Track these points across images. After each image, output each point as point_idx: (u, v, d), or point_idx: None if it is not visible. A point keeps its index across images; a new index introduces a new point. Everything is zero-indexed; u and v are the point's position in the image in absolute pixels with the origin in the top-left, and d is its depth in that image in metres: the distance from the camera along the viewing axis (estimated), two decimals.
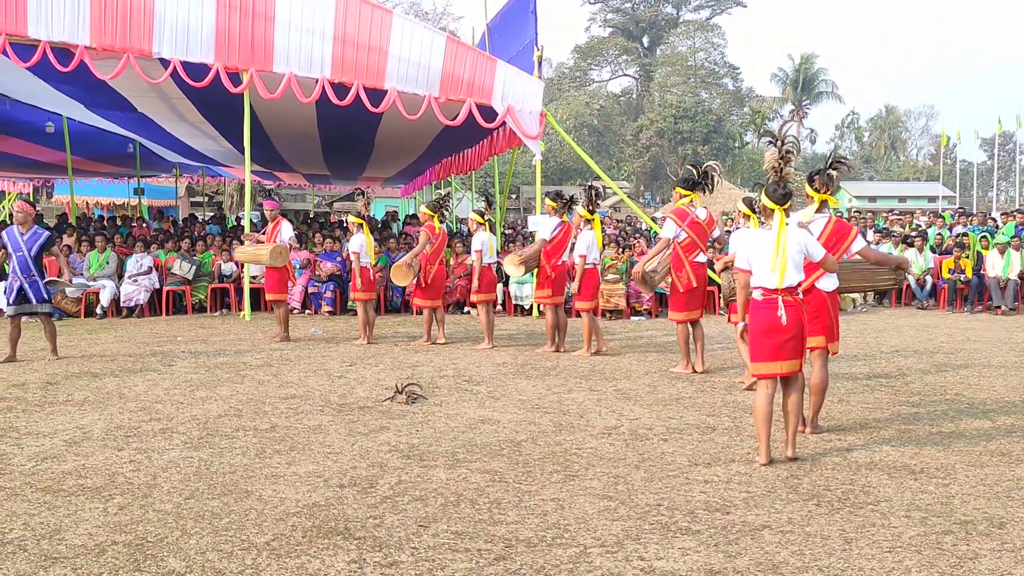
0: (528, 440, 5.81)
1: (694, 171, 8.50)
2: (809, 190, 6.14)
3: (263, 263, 10.68)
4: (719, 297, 11.28)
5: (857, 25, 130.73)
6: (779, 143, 5.51)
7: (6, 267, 12.82)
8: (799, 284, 5.35)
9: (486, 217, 10.49)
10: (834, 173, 6.18)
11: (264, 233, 11.02)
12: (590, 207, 9.59)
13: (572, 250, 9.82)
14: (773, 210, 5.32)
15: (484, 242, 10.20)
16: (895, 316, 13.86)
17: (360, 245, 10.40)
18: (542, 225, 9.86)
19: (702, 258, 8.45)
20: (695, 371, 8.45)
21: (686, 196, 8.40)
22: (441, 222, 10.64)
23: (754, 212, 7.92)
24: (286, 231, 10.72)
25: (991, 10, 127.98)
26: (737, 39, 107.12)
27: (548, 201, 9.85)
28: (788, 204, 5.33)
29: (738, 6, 70.21)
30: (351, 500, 4.55)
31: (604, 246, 12.91)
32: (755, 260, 5.35)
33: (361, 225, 10.53)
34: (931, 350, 10.09)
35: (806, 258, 5.39)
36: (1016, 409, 6.88)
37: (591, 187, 9.87)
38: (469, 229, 10.64)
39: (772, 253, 5.24)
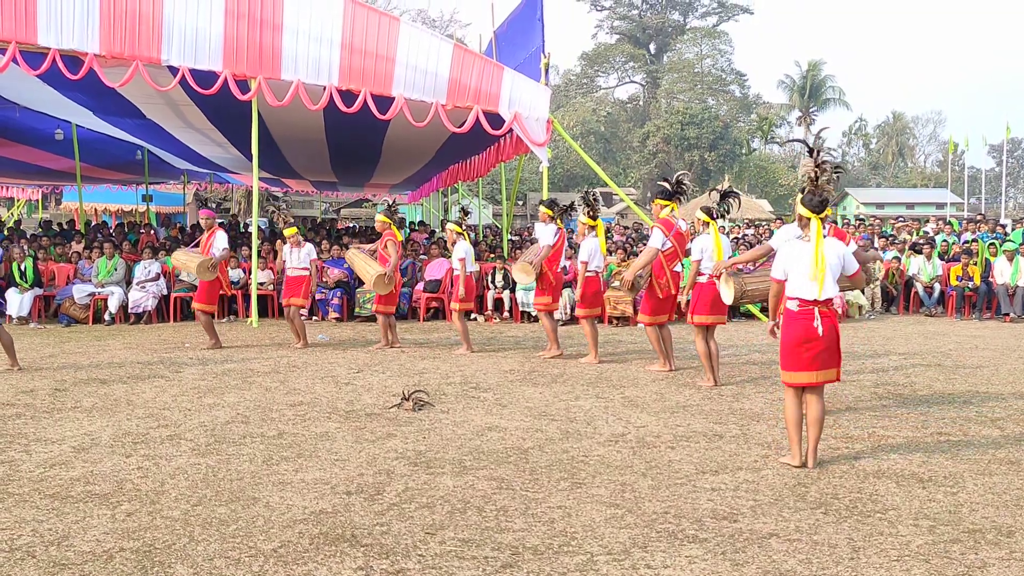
0: (535, 447, 5.81)
1: (667, 183, 8.88)
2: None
3: (192, 274, 10.64)
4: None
5: (864, 31, 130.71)
6: (815, 152, 5.54)
7: (16, 277, 12.95)
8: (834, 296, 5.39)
9: (464, 227, 10.60)
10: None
11: (198, 243, 10.96)
12: (591, 213, 9.71)
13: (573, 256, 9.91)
14: (809, 219, 5.37)
15: (468, 251, 10.38)
16: (903, 323, 13.82)
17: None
18: (543, 232, 10.01)
19: (679, 267, 8.88)
20: (672, 369, 8.91)
21: (667, 206, 8.77)
22: (399, 228, 10.85)
23: (713, 219, 8.28)
24: (219, 242, 10.56)
25: (998, 16, 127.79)
26: (744, 46, 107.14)
27: (543, 209, 10.06)
28: (824, 212, 5.38)
29: (745, 13, 70.22)
30: (358, 507, 4.56)
31: (610, 252, 12.95)
32: (793, 270, 5.36)
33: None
34: (939, 357, 10.05)
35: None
36: None
37: (587, 193, 10.00)
38: (448, 240, 10.75)
39: (812, 263, 5.26)
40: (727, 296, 7.47)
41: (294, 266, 10.66)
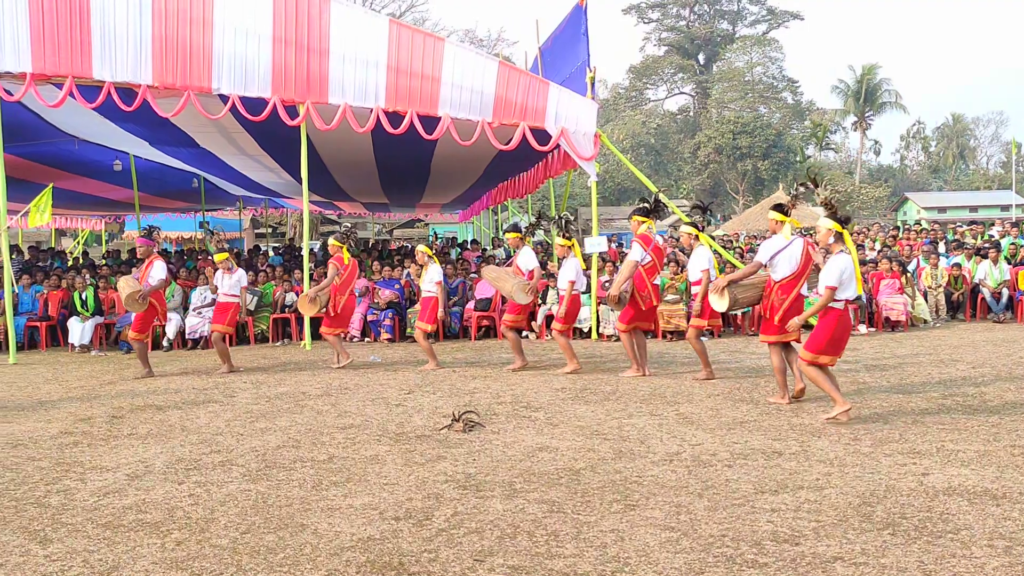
0: (587, 468, 5.67)
1: (646, 202, 9.55)
2: (779, 215, 7.58)
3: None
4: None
5: (919, 32, 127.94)
6: (825, 201, 6.97)
7: (78, 305, 13.24)
8: None
9: (434, 249, 10.82)
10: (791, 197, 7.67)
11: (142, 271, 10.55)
12: (566, 234, 10.12)
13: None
14: (841, 233, 6.83)
15: (441, 273, 10.69)
16: (971, 331, 13.34)
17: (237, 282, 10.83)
18: (525, 256, 10.54)
19: (658, 280, 9.48)
20: (646, 375, 9.39)
21: (644, 222, 9.40)
22: (350, 252, 11.07)
23: (700, 231, 9.38)
24: (156, 272, 10.24)
25: None
26: (795, 52, 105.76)
27: (511, 234, 10.84)
28: (852, 225, 6.81)
29: (795, 19, 69.42)
30: (406, 533, 4.48)
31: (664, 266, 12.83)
32: (846, 277, 6.65)
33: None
34: (1010, 366, 9.64)
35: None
36: None
37: (560, 216, 10.49)
38: (420, 264, 10.86)
39: (854, 269, 6.65)
40: (721, 305, 8.01)
41: (224, 292, 10.84)
